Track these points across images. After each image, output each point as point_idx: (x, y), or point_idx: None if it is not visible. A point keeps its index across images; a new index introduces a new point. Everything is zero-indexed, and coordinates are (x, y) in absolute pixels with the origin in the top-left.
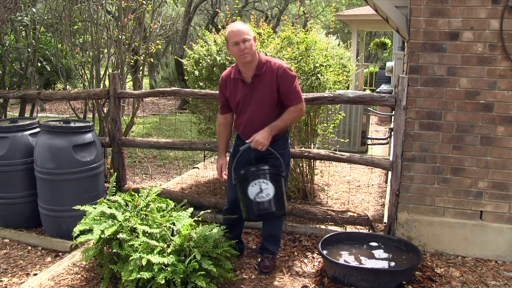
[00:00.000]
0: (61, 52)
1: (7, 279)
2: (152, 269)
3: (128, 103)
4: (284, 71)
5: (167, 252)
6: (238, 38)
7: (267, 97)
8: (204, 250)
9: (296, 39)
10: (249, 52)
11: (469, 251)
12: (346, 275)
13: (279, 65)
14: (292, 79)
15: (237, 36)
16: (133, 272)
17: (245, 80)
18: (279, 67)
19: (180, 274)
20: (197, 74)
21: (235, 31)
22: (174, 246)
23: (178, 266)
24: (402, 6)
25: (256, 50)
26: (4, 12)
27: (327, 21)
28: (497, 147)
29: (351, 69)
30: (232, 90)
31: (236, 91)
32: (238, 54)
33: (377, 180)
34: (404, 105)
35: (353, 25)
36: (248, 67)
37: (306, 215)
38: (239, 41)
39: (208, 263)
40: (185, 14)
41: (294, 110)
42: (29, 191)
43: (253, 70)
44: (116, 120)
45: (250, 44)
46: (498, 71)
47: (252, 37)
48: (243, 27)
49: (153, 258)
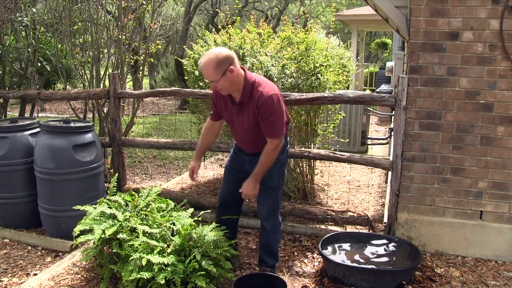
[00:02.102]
0: (61, 52)
1: (7, 279)
2: (152, 269)
3: (128, 103)
4: (264, 102)
5: (167, 252)
6: (207, 79)
7: (251, 123)
8: (204, 250)
9: (296, 39)
10: (223, 89)
11: (469, 251)
12: (346, 275)
13: (260, 95)
14: (270, 111)
15: (205, 77)
16: (133, 272)
17: (234, 100)
18: (260, 97)
19: (180, 274)
20: (197, 74)
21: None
22: (174, 246)
23: (178, 266)
24: (402, 6)
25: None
26: (4, 12)
27: (327, 21)
28: (497, 147)
29: (351, 69)
30: (223, 105)
31: (227, 107)
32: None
33: (377, 180)
34: (404, 105)
35: (353, 25)
36: (233, 93)
37: (306, 215)
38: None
39: (208, 263)
40: (185, 14)
41: (269, 149)
42: (29, 191)
43: (239, 96)
44: (116, 120)
45: (221, 83)
46: (498, 71)
47: (224, 71)
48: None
49: (153, 258)
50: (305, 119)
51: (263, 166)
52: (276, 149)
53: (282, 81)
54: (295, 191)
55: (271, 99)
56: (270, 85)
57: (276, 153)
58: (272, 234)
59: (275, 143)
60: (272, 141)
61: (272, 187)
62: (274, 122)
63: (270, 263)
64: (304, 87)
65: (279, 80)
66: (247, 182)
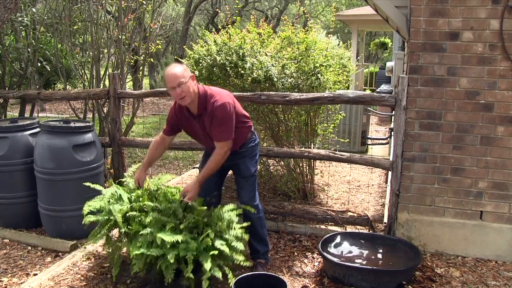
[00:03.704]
0: (61, 52)
1: (7, 279)
2: (164, 246)
3: (128, 103)
4: (215, 111)
5: (180, 228)
6: (173, 84)
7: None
8: (217, 229)
9: (296, 39)
10: (186, 95)
11: (469, 251)
12: (346, 275)
13: (212, 106)
14: (221, 119)
15: (172, 82)
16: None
17: (194, 115)
18: (212, 107)
19: (193, 251)
20: (197, 74)
21: (169, 76)
22: (188, 222)
23: (191, 243)
24: (402, 6)
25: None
26: (4, 12)
27: (327, 21)
28: (497, 147)
29: (351, 69)
30: (185, 120)
31: (189, 121)
32: (177, 98)
33: (377, 180)
34: (404, 105)
35: (353, 25)
36: (191, 106)
37: (306, 215)
38: (174, 86)
39: (220, 243)
40: (185, 14)
41: (220, 153)
42: (29, 191)
43: (196, 109)
44: (116, 120)
45: (187, 86)
46: (498, 71)
47: (189, 77)
48: (177, 70)
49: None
50: (305, 119)
51: (210, 170)
52: (225, 153)
53: (282, 81)
54: (295, 191)
55: (222, 108)
56: (221, 94)
57: (224, 157)
58: (257, 220)
59: (225, 147)
60: (222, 145)
61: (250, 174)
62: (225, 129)
63: (262, 250)
64: (304, 87)
65: (279, 80)
66: (191, 182)
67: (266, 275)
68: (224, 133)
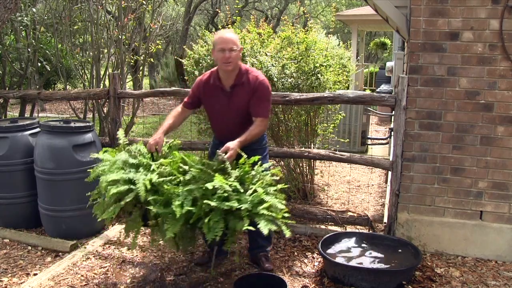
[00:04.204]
0: (61, 52)
1: (7, 279)
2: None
3: (128, 103)
4: (261, 83)
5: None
6: (226, 46)
7: (244, 107)
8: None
9: (296, 39)
10: (232, 62)
11: (469, 251)
12: (346, 275)
13: (256, 78)
14: (267, 92)
15: (225, 44)
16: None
17: (224, 88)
18: (257, 80)
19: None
20: (197, 74)
21: (224, 38)
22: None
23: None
24: (402, 6)
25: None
26: (4, 12)
27: (327, 21)
28: (497, 147)
29: (351, 69)
30: (210, 96)
31: (214, 97)
32: (222, 61)
33: (377, 180)
34: (404, 105)
35: (353, 25)
36: (228, 75)
37: (306, 215)
38: (225, 48)
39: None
40: (185, 14)
41: (260, 124)
42: (29, 191)
43: (233, 79)
44: (116, 120)
45: (235, 54)
46: (498, 71)
47: (239, 48)
48: (233, 36)
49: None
50: (305, 119)
51: (252, 135)
52: (265, 127)
53: (282, 81)
54: (295, 191)
55: (266, 82)
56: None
57: (264, 129)
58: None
59: (264, 122)
60: (263, 120)
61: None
62: (267, 106)
63: (266, 246)
64: (304, 87)
65: (279, 80)
66: (232, 142)
67: (266, 275)
68: (266, 110)
